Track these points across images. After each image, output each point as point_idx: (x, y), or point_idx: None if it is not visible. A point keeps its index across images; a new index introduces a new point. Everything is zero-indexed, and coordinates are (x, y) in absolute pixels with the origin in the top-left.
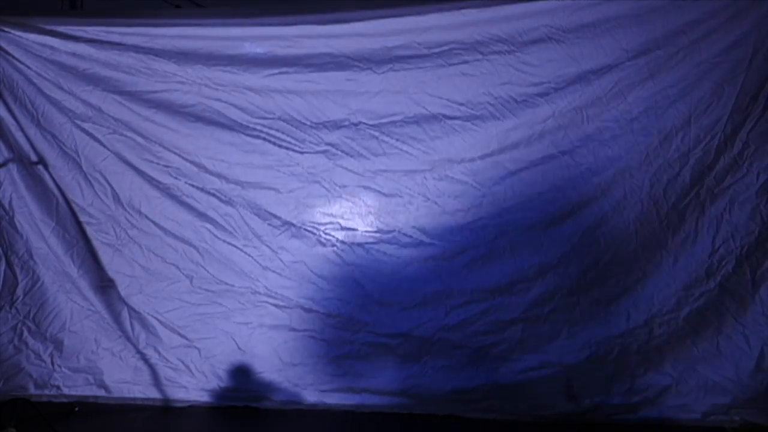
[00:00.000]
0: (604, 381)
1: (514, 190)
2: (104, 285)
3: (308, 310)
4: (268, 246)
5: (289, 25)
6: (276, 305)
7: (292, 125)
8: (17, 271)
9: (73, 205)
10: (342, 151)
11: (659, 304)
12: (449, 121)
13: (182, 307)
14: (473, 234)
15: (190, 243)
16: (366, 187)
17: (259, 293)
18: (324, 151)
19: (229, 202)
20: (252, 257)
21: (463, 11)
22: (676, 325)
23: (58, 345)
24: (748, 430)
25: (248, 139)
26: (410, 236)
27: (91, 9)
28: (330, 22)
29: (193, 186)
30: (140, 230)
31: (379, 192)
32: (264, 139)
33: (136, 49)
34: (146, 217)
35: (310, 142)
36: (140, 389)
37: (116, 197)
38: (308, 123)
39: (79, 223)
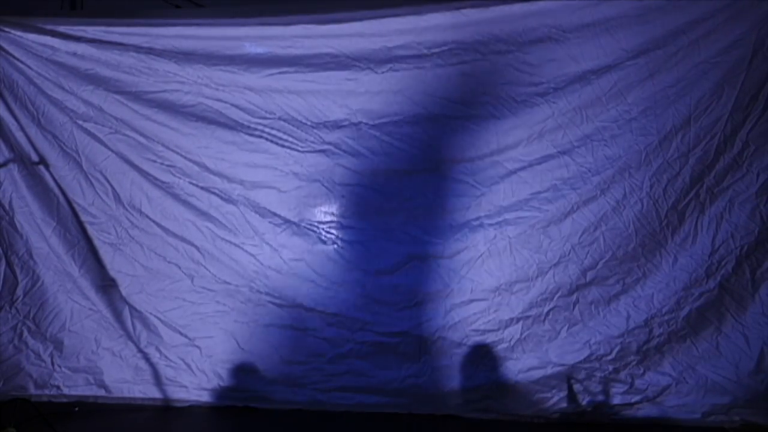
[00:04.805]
0: (604, 381)
1: (513, 189)
2: (106, 284)
3: (309, 309)
4: (269, 244)
5: (289, 25)
6: (276, 304)
7: (292, 125)
8: (17, 271)
9: (74, 205)
10: (342, 151)
11: (659, 304)
12: (449, 121)
13: (183, 306)
14: (472, 233)
15: (191, 242)
16: (366, 186)
17: (260, 292)
18: (324, 151)
19: (230, 201)
20: (253, 256)
21: (463, 11)
22: (675, 325)
23: (58, 345)
24: (748, 430)
25: (249, 138)
26: (410, 235)
27: (91, 9)
28: (330, 22)
29: (194, 185)
30: (141, 230)
31: (379, 191)
32: (265, 138)
33: (137, 49)
34: (147, 216)
35: (311, 142)
36: (140, 389)
37: (117, 197)
38: (309, 123)
39: (80, 223)
